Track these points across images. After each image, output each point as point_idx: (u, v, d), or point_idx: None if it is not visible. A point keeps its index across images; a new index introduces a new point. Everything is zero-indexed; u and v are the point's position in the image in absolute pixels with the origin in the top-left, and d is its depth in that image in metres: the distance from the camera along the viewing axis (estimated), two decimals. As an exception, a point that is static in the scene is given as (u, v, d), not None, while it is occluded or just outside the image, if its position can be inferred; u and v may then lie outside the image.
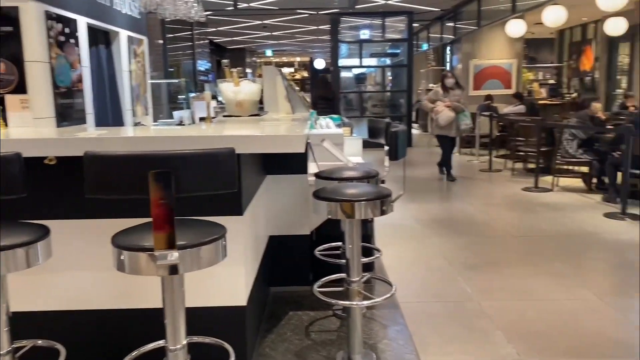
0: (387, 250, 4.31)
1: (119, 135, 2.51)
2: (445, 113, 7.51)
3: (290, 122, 3.15)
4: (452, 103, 7.53)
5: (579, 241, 4.77)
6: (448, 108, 7.51)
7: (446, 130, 7.66)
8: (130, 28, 5.33)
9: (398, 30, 12.73)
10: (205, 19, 3.97)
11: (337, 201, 2.46)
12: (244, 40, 17.38)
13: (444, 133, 7.72)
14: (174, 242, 1.67)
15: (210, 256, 1.79)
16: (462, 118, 7.57)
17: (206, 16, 4.01)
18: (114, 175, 1.67)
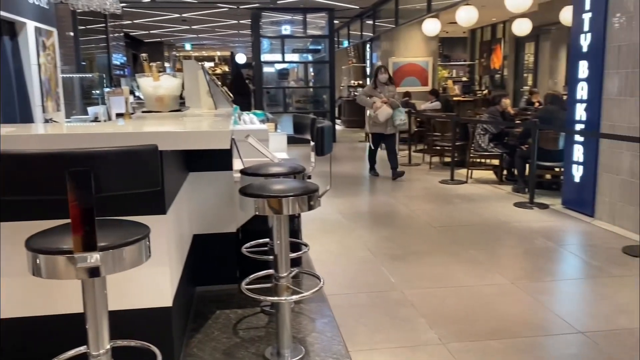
0: (314, 244, 4.36)
1: (32, 132, 2.37)
2: (385, 109, 7.33)
3: (213, 118, 3.10)
4: (389, 99, 7.39)
5: (493, 230, 5.06)
6: (386, 104, 7.33)
7: (383, 127, 7.45)
8: (38, 19, 5.01)
9: (319, 27, 12.85)
10: (120, 11, 3.81)
11: (264, 197, 2.46)
12: (162, 33, 16.84)
13: (380, 130, 7.50)
14: (95, 244, 1.61)
15: (134, 257, 1.73)
16: (397, 114, 7.41)
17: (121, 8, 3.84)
18: (29, 175, 1.57)
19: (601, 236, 4.77)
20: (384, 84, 7.48)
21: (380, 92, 7.40)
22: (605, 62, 5.03)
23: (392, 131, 7.51)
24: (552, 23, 10.68)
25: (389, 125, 7.42)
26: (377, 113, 7.33)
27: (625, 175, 4.84)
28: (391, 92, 7.46)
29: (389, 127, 7.43)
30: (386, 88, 7.45)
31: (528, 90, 11.88)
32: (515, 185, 6.76)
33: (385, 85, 7.47)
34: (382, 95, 7.38)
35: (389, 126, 7.42)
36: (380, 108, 7.31)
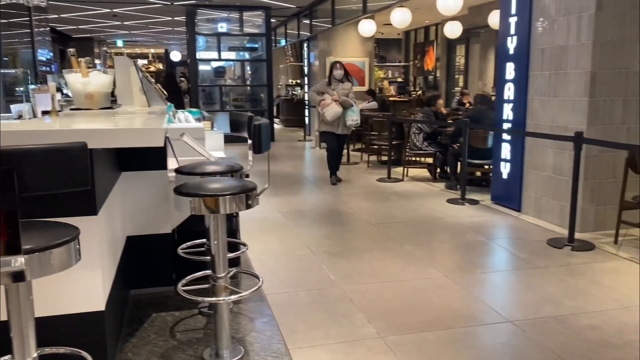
0: (253, 243, 4.33)
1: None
2: (333, 108, 6.85)
3: (146, 116, 3.02)
4: (340, 97, 6.91)
5: (427, 225, 5.21)
6: (336, 102, 6.87)
7: (332, 126, 7.01)
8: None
9: (256, 25, 12.75)
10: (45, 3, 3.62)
11: (200, 196, 2.41)
12: (92, 29, 16.17)
13: (330, 129, 7.07)
14: (19, 247, 1.52)
15: (62, 260, 1.66)
16: (349, 114, 6.95)
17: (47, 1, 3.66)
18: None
19: (527, 229, 5.02)
20: (339, 81, 7.04)
21: (334, 90, 6.97)
22: (530, 64, 5.30)
23: (345, 132, 7.12)
24: (481, 26, 11.12)
25: (341, 125, 7.01)
26: (324, 111, 6.91)
27: (549, 171, 5.12)
28: (345, 90, 7.01)
29: (341, 127, 7.02)
30: (340, 85, 7.01)
31: (459, 91, 12.31)
32: (448, 182, 6.99)
33: (340, 83, 7.03)
34: (335, 92, 6.95)
35: (341, 126, 7.02)
36: (329, 106, 6.86)
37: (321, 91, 7.05)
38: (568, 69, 4.83)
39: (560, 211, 4.96)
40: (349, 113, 6.96)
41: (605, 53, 4.59)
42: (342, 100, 6.90)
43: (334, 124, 6.98)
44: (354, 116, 7.00)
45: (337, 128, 7.03)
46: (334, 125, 7.00)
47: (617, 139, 4.66)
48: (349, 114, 6.96)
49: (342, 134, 7.11)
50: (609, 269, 3.96)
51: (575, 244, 4.43)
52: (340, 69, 7.02)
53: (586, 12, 4.59)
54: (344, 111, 6.93)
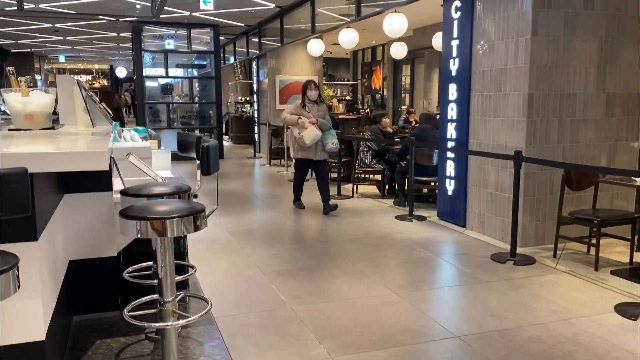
0: (201, 265, 4.27)
1: None
2: (312, 131, 6.24)
3: (90, 137, 2.94)
4: (319, 120, 6.35)
5: (376, 242, 5.29)
6: (314, 125, 6.28)
7: (312, 152, 6.39)
8: None
9: (204, 42, 12.68)
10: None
11: (146, 219, 2.37)
12: (32, 43, 15.62)
13: (308, 156, 6.43)
14: (-48, 278, 1.45)
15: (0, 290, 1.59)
16: (328, 137, 6.38)
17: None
18: None
19: (472, 245, 5.18)
20: (314, 102, 6.48)
21: (309, 112, 6.39)
22: (472, 86, 5.51)
23: (323, 157, 6.51)
24: (426, 47, 11.49)
25: (319, 150, 6.41)
26: (303, 135, 6.24)
27: (491, 188, 5.32)
28: (322, 112, 6.49)
29: (319, 151, 6.42)
30: (316, 107, 6.48)
31: (406, 110, 12.63)
32: (396, 199, 7.13)
33: (315, 104, 6.49)
34: (311, 115, 6.37)
35: (319, 151, 6.41)
36: (308, 129, 6.25)
37: (295, 114, 6.43)
38: (507, 90, 5.06)
39: (502, 227, 5.15)
40: (328, 136, 6.40)
41: (541, 75, 4.84)
42: (320, 123, 6.35)
43: (312, 150, 6.38)
44: (333, 139, 6.43)
45: (315, 153, 6.42)
46: (312, 150, 6.39)
47: (554, 157, 4.91)
48: (328, 137, 6.40)
49: (320, 159, 6.52)
50: (549, 282, 4.13)
51: (517, 258, 4.60)
52: (314, 89, 6.48)
53: (522, 37, 4.84)
54: (323, 134, 6.37)
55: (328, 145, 6.40)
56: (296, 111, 6.44)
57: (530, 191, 4.97)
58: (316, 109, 6.46)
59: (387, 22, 8.05)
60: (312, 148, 6.35)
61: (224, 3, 9.10)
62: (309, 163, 6.57)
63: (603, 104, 5.11)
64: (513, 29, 4.94)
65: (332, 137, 6.43)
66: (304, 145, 6.33)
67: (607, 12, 4.95)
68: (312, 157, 6.44)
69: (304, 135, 6.25)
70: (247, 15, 10.69)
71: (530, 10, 4.75)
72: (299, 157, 6.52)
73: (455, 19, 5.64)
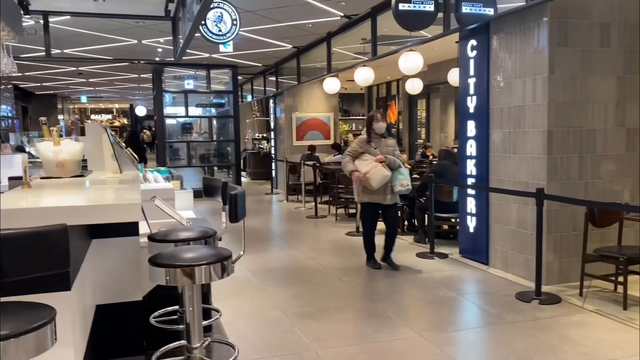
0: (224, 306, 4.26)
1: None
2: (379, 171, 5.34)
3: (121, 185, 3.01)
4: (387, 157, 5.45)
5: (398, 281, 5.25)
6: (382, 163, 5.40)
7: (378, 195, 5.47)
8: None
9: (223, 82, 12.96)
10: (16, 72, 3.64)
11: (175, 267, 2.41)
12: (56, 85, 16.10)
13: (375, 199, 5.51)
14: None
15: (39, 344, 1.62)
16: (397, 177, 5.45)
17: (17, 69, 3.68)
18: None
19: (496, 283, 5.11)
20: (381, 136, 5.59)
21: (376, 147, 5.53)
22: (490, 122, 5.55)
23: (393, 200, 5.59)
24: (441, 82, 11.59)
25: (388, 193, 5.49)
26: (369, 175, 5.38)
27: (514, 225, 5.28)
28: (390, 147, 5.58)
29: (388, 194, 5.50)
30: (383, 142, 5.58)
31: (422, 144, 12.67)
32: (416, 235, 7.09)
33: (383, 138, 5.59)
34: (378, 150, 5.51)
35: (388, 193, 5.49)
36: (373, 171, 5.37)
37: (360, 151, 5.57)
38: (526, 127, 5.08)
39: (526, 264, 5.09)
40: (397, 176, 5.46)
41: (559, 112, 4.86)
42: (389, 161, 5.44)
43: (380, 192, 5.45)
44: (403, 180, 5.46)
45: (384, 197, 5.49)
46: (380, 193, 5.47)
47: (576, 194, 4.88)
48: (397, 177, 5.46)
49: (390, 203, 5.57)
50: (576, 322, 4.05)
51: (543, 297, 4.53)
52: (382, 121, 5.57)
53: (540, 75, 4.88)
54: (392, 174, 5.45)
55: (396, 187, 5.44)
56: (361, 148, 5.59)
57: (553, 228, 4.92)
58: (384, 143, 5.58)
59: (403, 60, 8.18)
60: (380, 190, 5.43)
61: (243, 45, 9.33)
62: (377, 208, 5.65)
63: (624, 140, 5.09)
64: (530, 67, 5.00)
65: (402, 177, 5.49)
66: (369, 189, 5.45)
67: (623, 49, 4.99)
68: (380, 200, 5.50)
69: (370, 176, 5.37)
70: (264, 55, 10.94)
71: (546, 48, 4.80)
72: (365, 200, 5.60)
73: (472, 57, 5.72)
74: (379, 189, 5.40)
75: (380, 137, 5.58)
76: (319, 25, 8.31)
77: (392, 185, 5.43)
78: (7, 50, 3.65)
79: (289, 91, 12.37)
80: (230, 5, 6.03)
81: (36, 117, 17.21)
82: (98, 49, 9.46)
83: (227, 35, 6.10)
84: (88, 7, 7.41)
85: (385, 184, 5.40)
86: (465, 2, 5.40)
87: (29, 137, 9.94)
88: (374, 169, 5.37)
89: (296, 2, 6.80)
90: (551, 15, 4.76)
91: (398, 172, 5.48)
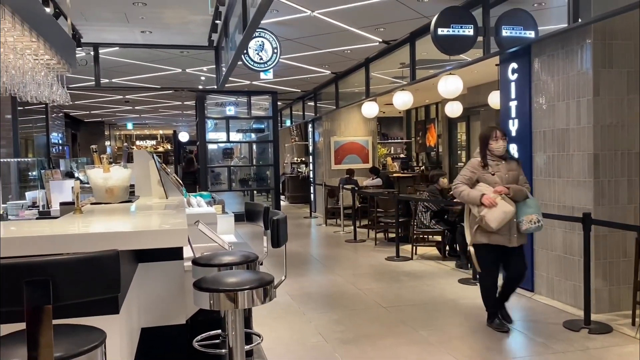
0: (264, 330, 4.28)
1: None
2: (500, 207, 4.13)
3: (167, 210, 3.09)
4: (511, 187, 4.21)
5: (440, 308, 5.16)
6: (500, 195, 4.17)
7: (500, 235, 4.23)
8: (-20, 106, 4.93)
9: (263, 108, 13.21)
10: (69, 101, 3.83)
11: (219, 292, 2.45)
12: (103, 113, 16.76)
13: (496, 241, 4.26)
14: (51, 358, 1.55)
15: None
16: (525, 210, 4.21)
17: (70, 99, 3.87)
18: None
19: (542, 311, 4.96)
20: (500, 158, 4.39)
21: (494, 173, 4.31)
22: (533, 146, 5.45)
23: (520, 241, 4.30)
24: (481, 105, 11.47)
25: (514, 232, 4.24)
26: (485, 214, 4.18)
27: (559, 251, 5.13)
28: (513, 173, 4.35)
29: (514, 234, 4.24)
30: (503, 165, 4.35)
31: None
32: (458, 261, 6.96)
33: (502, 161, 4.38)
34: (497, 177, 4.29)
35: (514, 233, 4.24)
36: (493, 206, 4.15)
37: (474, 178, 4.38)
38: (571, 150, 4.97)
39: (573, 291, 4.93)
40: (524, 210, 4.23)
41: (605, 135, 4.74)
42: (514, 192, 4.22)
43: (503, 231, 4.23)
44: (532, 214, 4.21)
45: (509, 237, 4.25)
46: (503, 232, 4.24)
47: (625, 219, 4.72)
48: (525, 210, 4.22)
49: (516, 246, 4.29)
50: (629, 353, 3.88)
51: (592, 326, 4.36)
52: (501, 139, 4.36)
53: (584, 97, 4.79)
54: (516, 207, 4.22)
55: (524, 225, 4.21)
56: (474, 174, 4.38)
57: (601, 254, 4.76)
58: (504, 167, 4.34)
59: (442, 84, 8.15)
60: (503, 229, 4.22)
61: (282, 72, 9.52)
62: (500, 251, 4.31)
63: (675, 162, 4.91)
64: (574, 89, 4.91)
65: (531, 210, 4.23)
66: (487, 228, 4.23)
67: (672, 69, 4.85)
68: (504, 242, 4.26)
69: (487, 213, 4.17)
70: (303, 82, 11.12)
71: (590, 70, 4.72)
72: (482, 242, 4.31)
73: (513, 80, 5.67)
74: (500, 227, 4.19)
75: (499, 159, 4.38)
76: (357, 51, 8.41)
77: (518, 222, 4.22)
78: (62, 81, 3.84)
79: (328, 115, 12.49)
80: (271, 34, 6.19)
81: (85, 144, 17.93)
82: (144, 77, 9.83)
83: (268, 63, 6.25)
84: (136, 39, 7.74)
85: (507, 221, 4.19)
86: (505, 25, 5.38)
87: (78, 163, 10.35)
88: (493, 203, 4.19)
89: (335, 29, 6.92)
90: (595, 37, 4.69)
91: (525, 204, 4.24)
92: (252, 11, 4.51)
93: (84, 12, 6.46)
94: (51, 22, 3.58)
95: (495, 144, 4.35)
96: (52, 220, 2.85)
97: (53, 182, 5.40)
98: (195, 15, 6.63)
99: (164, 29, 7.19)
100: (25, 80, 3.17)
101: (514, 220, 4.21)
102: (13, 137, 7.70)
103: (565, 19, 4.68)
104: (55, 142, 10.72)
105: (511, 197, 4.20)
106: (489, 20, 5.59)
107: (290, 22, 6.46)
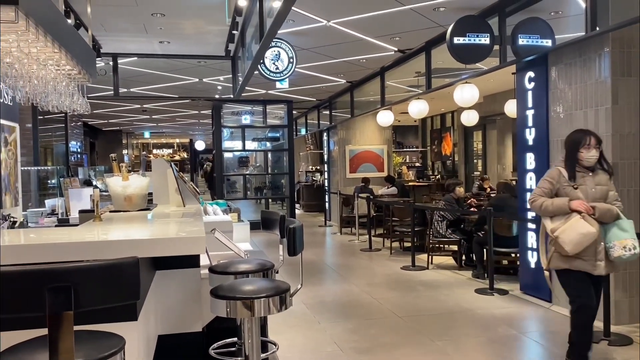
0: (280, 338, 4.27)
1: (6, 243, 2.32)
2: (577, 227, 3.44)
3: (184, 219, 3.12)
4: (597, 206, 3.48)
5: (456, 318, 5.11)
6: (590, 215, 3.46)
7: (585, 260, 3.50)
8: (3, 115, 5.02)
9: (278, 117, 13.29)
10: (90, 111, 3.90)
11: (236, 299, 2.46)
12: (121, 122, 16.98)
13: (576, 267, 3.52)
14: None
15: (108, 373, 1.69)
16: (616, 233, 3.48)
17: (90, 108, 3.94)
18: (5, 294, 1.55)
19: (560, 322, 4.88)
20: (588, 169, 3.63)
21: (577, 187, 3.58)
22: (550, 155, 5.40)
23: (608, 270, 3.56)
24: (497, 114, 11.42)
25: (600, 258, 3.50)
26: (558, 234, 3.50)
27: (578, 261, 5.06)
28: (601, 187, 3.59)
29: (601, 260, 3.50)
30: (591, 178, 3.61)
31: (479, 177, 12.43)
32: (474, 270, 6.91)
33: (589, 173, 3.62)
34: (580, 192, 3.55)
35: (601, 259, 3.50)
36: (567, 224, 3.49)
37: (553, 192, 3.65)
38: (589, 159, 4.91)
39: (592, 302, 4.84)
40: (615, 232, 3.50)
41: (625, 144, 4.69)
42: (599, 213, 3.49)
43: (588, 256, 3.50)
44: (627, 239, 3.46)
45: (594, 263, 3.51)
46: (588, 257, 3.50)
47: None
48: (616, 233, 3.50)
49: (603, 274, 3.57)
50: (651, 366, 3.81)
51: (612, 338, 4.29)
52: (595, 148, 3.59)
53: (602, 106, 4.74)
54: (603, 229, 3.51)
55: (615, 251, 3.46)
56: (554, 186, 3.65)
57: (621, 265, 4.68)
58: (591, 181, 3.60)
59: (458, 92, 8.14)
60: (588, 253, 3.49)
61: (298, 81, 9.58)
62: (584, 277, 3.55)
63: (696, 172, 4.84)
64: (592, 98, 4.87)
65: (625, 234, 3.48)
66: (564, 253, 3.52)
67: (692, 77, 4.79)
68: (587, 268, 3.51)
69: (560, 236, 3.50)
70: (318, 90, 11.16)
71: (609, 78, 4.68)
72: (561, 267, 3.60)
73: (529, 88, 5.64)
74: (579, 250, 3.47)
75: (586, 169, 3.62)
76: (372, 60, 8.43)
77: (609, 248, 3.49)
78: (82, 91, 3.91)
79: (343, 124, 12.51)
80: (287, 44, 6.24)
81: (102, 152, 18.18)
82: (162, 87, 9.96)
83: (284, 73, 6.30)
84: (154, 49, 7.85)
85: (589, 244, 3.46)
86: (521, 34, 5.37)
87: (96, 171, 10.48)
88: (567, 222, 3.49)
89: (351, 39, 6.95)
90: (613, 45, 4.65)
91: (617, 226, 3.50)
92: (269, 21, 4.56)
93: (104, 23, 6.58)
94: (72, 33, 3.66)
95: (587, 153, 3.57)
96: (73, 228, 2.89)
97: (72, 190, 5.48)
98: (212, 25, 6.71)
99: (182, 39, 7.29)
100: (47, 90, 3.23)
101: (601, 243, 3.49)
102: (33, 145, 7.83)
103: (583, 27, 4.66)
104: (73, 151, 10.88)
105: (596, 217, 3.47)
106: (505, 29, 5.58)
107: (306, 32, 6.51)
